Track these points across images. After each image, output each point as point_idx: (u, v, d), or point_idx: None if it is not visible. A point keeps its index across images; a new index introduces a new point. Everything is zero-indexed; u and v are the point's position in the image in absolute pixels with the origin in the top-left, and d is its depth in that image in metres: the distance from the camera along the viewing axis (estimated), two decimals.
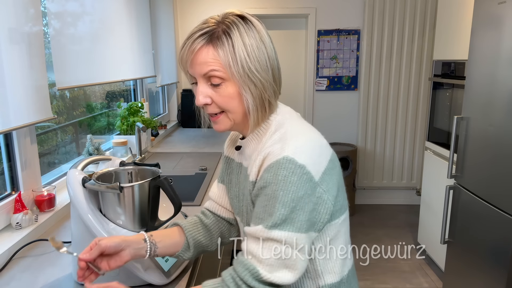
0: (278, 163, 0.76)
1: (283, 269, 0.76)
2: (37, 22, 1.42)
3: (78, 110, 2.29)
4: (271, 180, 0.76)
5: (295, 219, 0.75)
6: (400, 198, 4.19)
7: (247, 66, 0.79)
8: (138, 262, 1.00)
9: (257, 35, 0.81)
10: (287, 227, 0.75)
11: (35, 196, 1.50)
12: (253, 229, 0.78)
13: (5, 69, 1.25)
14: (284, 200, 0.74)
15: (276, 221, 0.74)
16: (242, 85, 0.80)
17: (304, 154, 0.77)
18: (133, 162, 1.16)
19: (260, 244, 0.76)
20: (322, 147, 0.83)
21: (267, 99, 0.83)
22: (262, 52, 0.81)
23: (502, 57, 1.87)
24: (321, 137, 0.85)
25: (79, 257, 0.82)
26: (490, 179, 1.95)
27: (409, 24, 3.73)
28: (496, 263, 1.91)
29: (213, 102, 0.84)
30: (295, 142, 0.78)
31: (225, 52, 0.79)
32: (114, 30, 2.24)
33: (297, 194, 0.74)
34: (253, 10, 3.75)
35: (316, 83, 3.92)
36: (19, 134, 1.44)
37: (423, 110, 3.91)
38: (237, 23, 0.80)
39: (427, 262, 2.99)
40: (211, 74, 0.80)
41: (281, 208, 0.74)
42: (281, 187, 0.75)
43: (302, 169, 0.75)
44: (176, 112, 3.83)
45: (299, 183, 0.75)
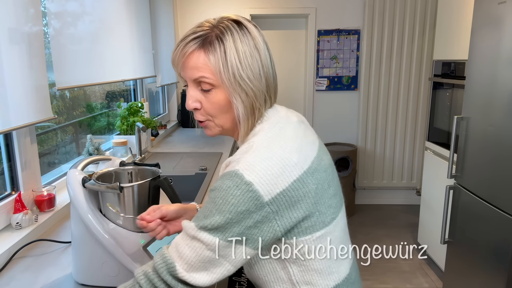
0: (229, 173, 0.75)
1: (201, 271, 0.75)
2: (37, 22, 1.42)
3: (78, 110, 2.29)
4: (217, 187, 0.75)
5: (227, 229, 0.73)
6: (400, 198, 4.19)
7: (238, 73, 0.78)
8: (138, 262, 1.00)
9: (252, 42, 0.80)
10: (216, 234, 0.73)
11: (35, 196, 1.50)
12: (187, 224, 0.77)
13: (5, 69, 1.25)
14: (222, 208, 0.73)
15: (207, 225, 0.73)
16: (233, 93, 0.79)
17: (255, 173, 0.73)
18: (133, 162, 1.16)
19: (187, 242, 0.75)
20: (287, 167, 0.75)
21: (257, 108, 0.82)
22: (255, 60, 0.79)
23: (502, 57, 1.87)
24: (294, 155, 0.77)
25: (140, 217, 0.88)
26: (490, 179, 1.95)
27: (409, 24, 3.73)
28: (496, 263, 1.91)
29: (202, 108, 0.83)
30: (252, 158, 0.75)
31: (216, 58, 0.78)
32: (114, 30, 2.24)
33: (236, 208, 0.72)
34: (253, 10, 3.75)
35: (316, 83, 3.92)
36: (19, 134, 1.44)
37: (423, 110, 3.91)
38: (231, 29, 0.79)
39: (427, 262, 2.99)
40: (201, 80, 0.80)
41: (217, 214, 0.73)
42: (222, 195, 0.73)
43: (249, 186, 0.72)
44: (176, 112, 3.83)
45: (242, 198, 0.72)
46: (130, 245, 1.01)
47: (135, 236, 1.03)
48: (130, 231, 1.02)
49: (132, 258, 0.99)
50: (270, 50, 0.84)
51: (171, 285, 0.75)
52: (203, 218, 0.74)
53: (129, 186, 1.00)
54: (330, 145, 3.98)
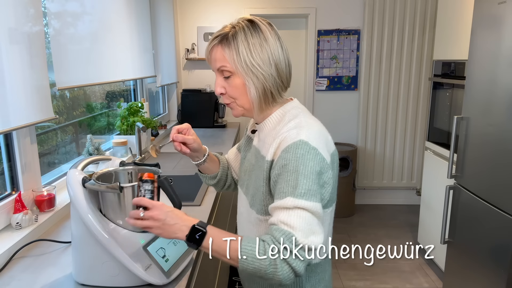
0: (295, 144, 0.88)
1: (312, 234, 0.83)
2: (38, 22, 1.42)
3: (78, 110, 2.29)
4: (291, 158, 0.87)
5: (315, 190, 0.86)
6: (400, 198, 4.19)
7: (249, 61, 0.93)
8: (138, 262, 1.00)
9: (261, 35, 0.95)
10: (310, 198, 0.85)
11: (35, 196, 1.49)
12: (280, 202, 0.86)
13: (5, 69, 1.25)
14: (305, 173, 0.86)
15: (301, 191, 0.84)
16: (245, 77, 0.95)
17: (315, 141, 0.90)
18: (133, 162, 1.16)
19: (290, 213, 0.84)
20: (328, 140, 0.97)
21: (269, 89, 0.96)
22: (264, 49, 0.95)
23: (502, 57, 1.87)
24: (327, 132, 0.99)
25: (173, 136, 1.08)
26: (490, 179, 1.95)
27: (409, 24, 3.73)
28: (496, 263, 1.91)
29: (226, 93, 1.00)
30: (308, 129, 0.92)
31: (230, 50, 0.95)
32: (114, 30, 2.24)
33: (315, 169, 0.87)
34: (253, 10, 3.75)
35: (316, 83, 3.92)
36: (19, 134, 1.44)
37: (423, 110, 3.91)
38: (243, 26, 0.95)
39: (427, 262, 2.99)
40: (222, 68, 0.97)
41: (303, 179, 0.85)
42: (301, 162, 0.86)
43: (315, 150, 0.88)
44: (176, 112, 3.83)
45: (315, 160, 0.87)
46: (130, 245, 1.01)
47: (135, 236, 1.03)
48: (130, 231, 1.02)
49: (132, 258, 0.99)
50: (284, 44, 1.00)
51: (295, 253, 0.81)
52: (294, 189, 0.85)
53: (129, 186, 1.00)
54: None
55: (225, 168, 1.26)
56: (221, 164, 1.25)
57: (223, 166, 1.25)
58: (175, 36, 3.65)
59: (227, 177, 1.27)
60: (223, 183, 1.27)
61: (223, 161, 1.27)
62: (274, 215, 0.87)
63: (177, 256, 1.11)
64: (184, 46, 3.86)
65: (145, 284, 1.03)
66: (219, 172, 1.24)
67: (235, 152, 1.28)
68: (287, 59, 0.99)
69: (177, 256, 1.11)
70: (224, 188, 1.28)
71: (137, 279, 1.02)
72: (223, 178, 1.25)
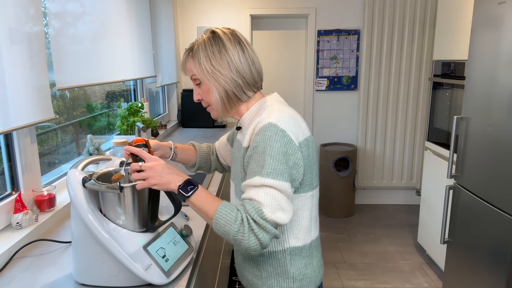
0: (264, 127, 0.96)
1: (279, 210, 0.91)
2: (38, 22, 1.42)
3: (78, 110, 2.29)
4: (260, 140, 0.95)
5: (282, 170, 0.93)
6: (400, 198, 4.19)
7: (209, 68, 1.04)
8: (138, 261, 1.00)
9: (220, 44, 1.04)
10: (277, 177, 0.92)
11: (35, 196, 1.50)
12: (249, 181, 0.94)
13: (5, 69, 1.25)
14: (272, 153, 0.93)
15: (268, 171, 0.92)
16: (208, 83, 1.06)
17: (284, 123, 0.97)
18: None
19: (258, 190, 0.92)
20: (301, 126, 1.03)
21: (231, 91, 1.06)
22: (224, 56, 1.04)
23: (502, 57, 1.87)
24: (302, 119, 1.07)
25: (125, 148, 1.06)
26: (490, 179, 1.95)
27: (409, 24, 3.73)
28: (496, 263, 1.91)
29: (202, 98, 1.11)
30: (279, 113, 1.00)
31: (194, 60, 1.06)
32: (114, 30, 2.24)
33: (281, 149, 0.93)
34: (253, 10, 3.75)
35: (316, 83, 3.92)
36: (20, 134, 1.44)
37: (423, 110, 3.91)
38: (204, 39, 1.06)
39: (427, 262, 2.99)
40: (192, 77, 1.09)
41: (270, 159, 0.92)
42: (268, 143, 0.94)
43: (283, 132, 0.95)
44: (176, 112, 3.83)
45: (282, 141, 0.94)
46: (130, 245, 1.01)
47: (135, 236, 1.03)
48: (130, 231, 1.02)
49: (132, 258, 1.00)
50: (247, 48, 1.07)
51: (262, 225, 0.89)
52: (261, 169, 0.93)
53: (129, 186, 1.00)
54: (330, 145, 3.98)
55: (204, 154, 1.36)
56: (198, 152, 1.35)
57: (201, 154, 1.35)
58: (175, 36, 3.65)
59: (210, 162, 1.37)
60: (208, 168, 1.38)
61: (202, 148, 1.37)
62: (246, 192, 0.95)
63: (177, 256, 1.11)
64: (184, 46, 3.87)
65: (145, 284, 1.04)
66: (197, 161, 1.34)
67: (225, 142, 1.37)
68: (252, 60, 1.07)
69: (177, 256, 1.11)
70: (210, 172, 1.40)
71: (137, 279, 1.02)
72: (202, 164, 1.36)
